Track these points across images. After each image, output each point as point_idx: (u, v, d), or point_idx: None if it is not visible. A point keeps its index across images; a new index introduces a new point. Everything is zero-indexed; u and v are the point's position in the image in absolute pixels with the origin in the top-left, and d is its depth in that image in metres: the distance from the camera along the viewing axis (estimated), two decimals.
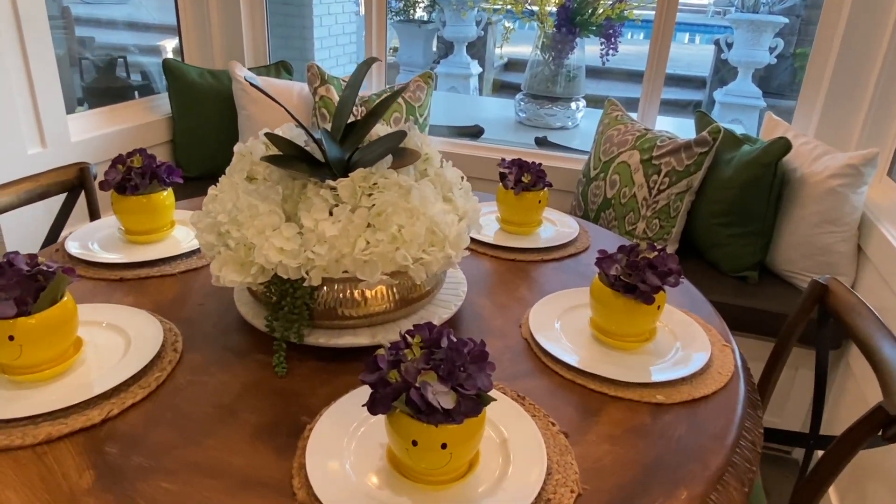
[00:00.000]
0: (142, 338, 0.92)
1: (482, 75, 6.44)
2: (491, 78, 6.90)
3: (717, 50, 6.03)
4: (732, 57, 5.45)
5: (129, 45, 2.62)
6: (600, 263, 0.96)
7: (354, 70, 0.99)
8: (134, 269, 1.15)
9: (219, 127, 2.15)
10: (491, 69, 6.83)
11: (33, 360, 0.81)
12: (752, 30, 5.33)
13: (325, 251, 0.85)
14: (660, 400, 0.87)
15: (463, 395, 0.64)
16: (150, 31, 3.10)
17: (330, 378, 0.89)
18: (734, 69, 5.54)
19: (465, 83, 6.14)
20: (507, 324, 1.05)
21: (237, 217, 0.87)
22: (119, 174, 1.19)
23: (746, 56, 5.37)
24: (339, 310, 0.94)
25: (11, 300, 0.78)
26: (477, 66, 6.22)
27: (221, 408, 0.82)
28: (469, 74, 6.10)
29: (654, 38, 1.96)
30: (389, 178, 0.90)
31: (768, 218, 1.65)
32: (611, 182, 1.80)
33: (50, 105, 1.70)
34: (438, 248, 0.91)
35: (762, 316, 1.61)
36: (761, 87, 5.52)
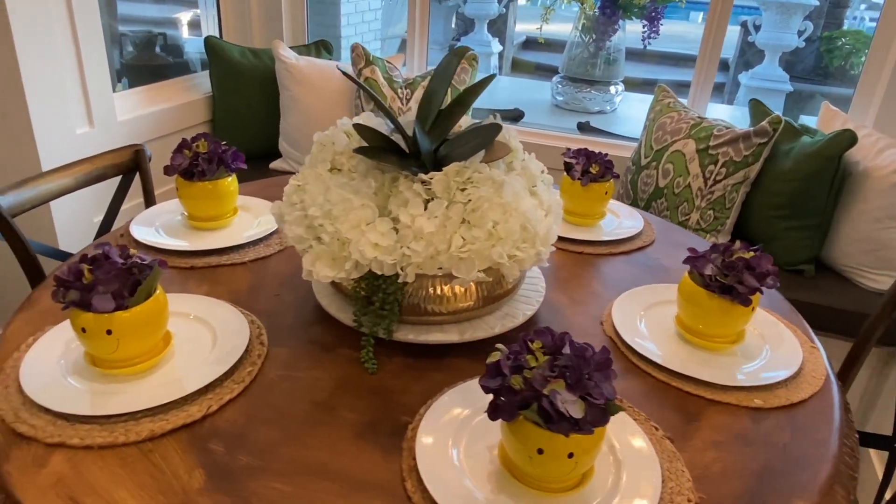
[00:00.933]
0: (227, 330, 0.90)
1: (502, 53, 6.34)
2: (510, 56, 6.79)
3: (744, 32, 5.92)
4: (760, 39, 5.34)
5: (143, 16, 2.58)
6: (693, 263, 0.94)
7: (444, 60, 0.96)
8: (204, 257, 1.13)
9: (260, 107, 2.12)
10: (511, 47, 6.73)
11: (128, 353, 0.80)
12: (781, 12, 5.22)
13: (421, 248, 0.83)
14: (758, 404, 0.85)
15: (591, 404, 0.62)
16: (166, 3, 3.04)
17: (420, 375, 0.87)
18: (760, 52, 5.43)
19: (486, 62, 6.04)
20: (587, 321, 1.03)
21: (331, 211, 0.85)
22: (186, 159, 1.17)
23: (775, 39, 5.27)
24: (423, 306, 0.92)
25: (109, 294, 0.76)
26: (497, 45, 6.12)
27: (318, 405, 0.80)
28: (490, 53, 6.01)
29: (710, 22, 1.92)
30: (483, 173, 0.88)
31: (827, 211, 1.62)
32: (664, 171, 1.77)
33: (98, 84, 1.67)
34: (530, 244, 0.89)
35: (819, 311, 1.59)
36: (787, 71, 5.42)
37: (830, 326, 1.57)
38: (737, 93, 5.73)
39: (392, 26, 6.39)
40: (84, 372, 0.81)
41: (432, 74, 0.96)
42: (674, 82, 5.84)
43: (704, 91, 1.99)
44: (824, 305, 1.59)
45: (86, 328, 0.76)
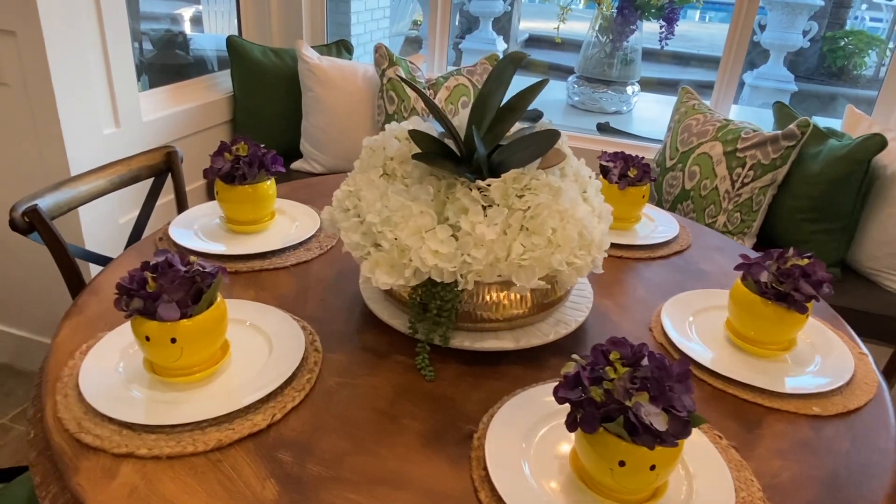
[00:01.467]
0: (282, 337, 0.90)
1: (506, 51, 6.31)
2: None
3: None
4: (765, 39, 5.35)
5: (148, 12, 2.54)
6: (748, 270, 0.94)
7: (499, 65, 0.95)
8: (247, 262, 1.13)
9: (281, 107, 2.11)
10: (515, 45, 6.72)
11: (190, 361, 0.79)
12: (787, 12, 5.23)
13: (482, 255, 0.83)
14: (816, 412, 0.85)
15: (674, 416, 0.62)
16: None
17: (478, 383, 0.87)
18: (764, 52, 5.44)
19: None
20: (635, 327, 1.03)
21: (390, 218, 0.84)
22: (227, 163, 1.16)
23: (779, 38, 5.28)
24: (476, 313, 0.92)
25: (174, 303, 0.76)
26: (502, 43, 6.11)
27: (380, 413, 0.80)
28: (495, 51, 5.98)
29: (735, 23, 1.92)
30: (541, 180, 0.87)
31: (855, 214, 1.62)
32: (690, 173, 1.77)
33: (124, 83, 1.66)
34: (587, 251, 0.88)
35: (847, 314, 1.59)
36: (791, 71, 5.43)
37: (858, 330, 1.57)
38: (741, 92, 5.73)
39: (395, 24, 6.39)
40: (144, 380, 0.81)
41: (486, 79, 0.96)
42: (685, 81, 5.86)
43: (728, 92, 2.00)
44: (851, 308, 1.59)
45: (150, 336, 0.76)
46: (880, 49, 6.27)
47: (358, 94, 2.02)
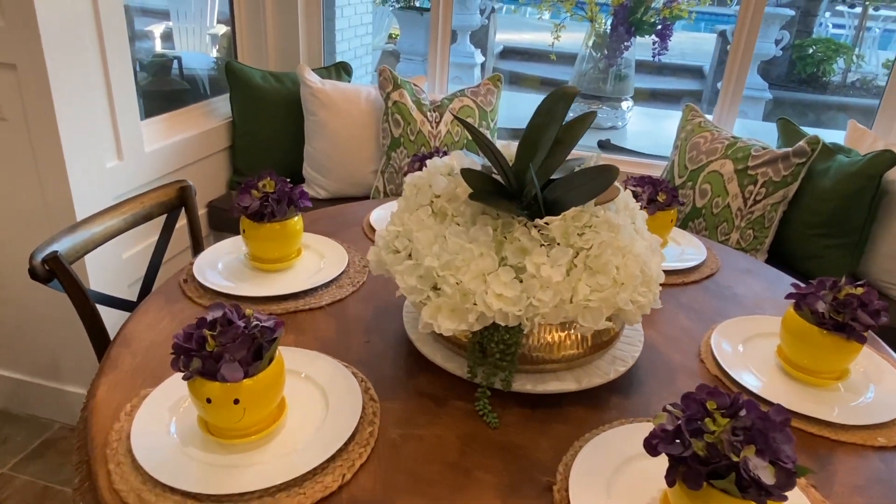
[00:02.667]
0: (335, 386, 0.86)
1: (484, 64, 6.36)
2: (491, 67, 6.82)
3: (723, 41, 6.05)
4: None
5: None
6: (802, 299, 0.93)
7: (549, 100, 0.93)
8: (281, 303, 1.08)
9: (282, 131, 2.06)
10: (491, 58, 6.76)
11: (251, 421, 0.75)
12: None
13: (548, 297, 0.80)
14: (881, 442, 0.85)
15: (781, 468, 0.61)
16: (139, 15, 2.95)
17: (543, 428, 0.85)
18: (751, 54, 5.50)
19: (469, 73, 6.05)
20: (686, 358, 1.02)
21: (452, 261, 0.82)
22: (256, 200, 1.12)
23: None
24: (533, 354, 0.90)
25: (237, 362, 0.72)
26: (480, 55, 6.13)
27: (451, 466, 0.77)
28: (473, 64, 6.02)
29: (737, 39, 1.94)
30: (601, 216, 0.86)
31: (865, 229, 1.65)
32: (701, 191, 1.78)
33: (127, 114, 1.60)
34: (647, 287, 0.87)
35: None
36: (763, 79, 5.55)
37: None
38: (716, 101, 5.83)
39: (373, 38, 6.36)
40: (200, 442, 0.76)
41: (535, 113, 0.94)
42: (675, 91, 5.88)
43: (732, 108, 2.02)
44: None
45: (212, 398, 0.72)
46: (847, 55, 6.46)
47: (362, 118, 1.99)
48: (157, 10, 2.79)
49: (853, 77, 6.76)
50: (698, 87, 6.82)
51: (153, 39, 2.97)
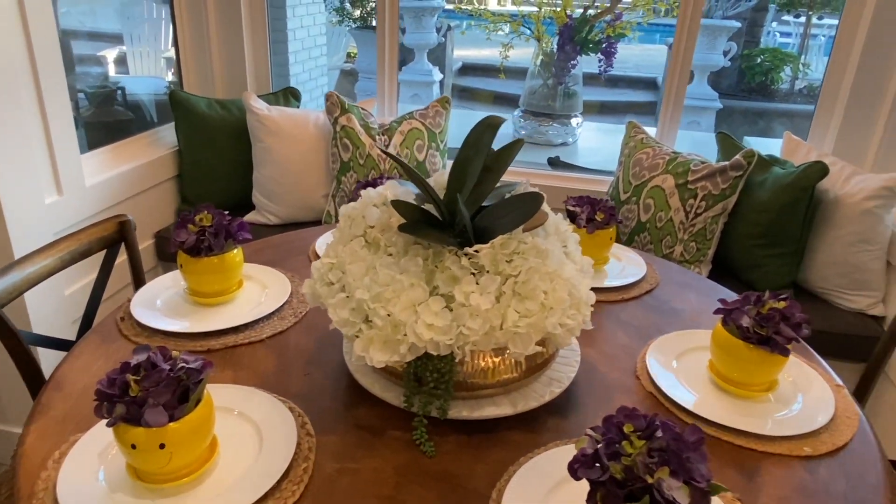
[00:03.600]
0: (271, 423, 0.86)
1: (442, 81, 6.42)
2: (450, 84, 6.89)
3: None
4: None
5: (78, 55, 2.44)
6: (728, 314, 0.96)
7: (476, 131, 0.95)
8: (219, 338, 1.07)
9: (229, 159, 2.05)
10: (450, 75, 6.82)
11: (179, 464, 0.74)
12: (706, 34, 5.53)
13: (478, 325, 0.82)
14: (807, 452, 0.88)
15: (695, 488, 0.62)
16: (81, 40, 2.90)
17: (480, 454, 0.85)
18: (689, 72, 5.69)
19: (427, 90, 6.10)
20: (623, 376, 1.04)
21: (382, 293, 0.82)
22: (192, 235, 1.11)
23: (702, 59, 5.57)
24: (468, 380, 0.91)
25: (161, 406, 0.71)
26: (438, 73, 6.19)
27: (387, 499, 0.77)
28: (432, 81, 6.07)
29: (675, 56, 2.00)
30: (528, 243, 0.87)
31: (803, 238, 1.70)
32: (644, 206, 1.82)
33: (65, 148, 1.57)
34: (577, 310, 0.89)
35: None
36: (714, 89, 5.72)
37: (813, 348, 1.64)
38: None
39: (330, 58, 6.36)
40: (129, 488, 0.75)
41: (464, 144, 0.96)
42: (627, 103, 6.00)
43: (673, 122, 2.07)
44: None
45: (136, 444, 0.71)
46: (793, 64, 6.69)
47: (310, 143, 1.99)
48: (109, 35, 2.75)
49: (800, 84, 7.01)
50: (652, 98, 6.99)
51: (105, 65, 2.93)
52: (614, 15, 2.47)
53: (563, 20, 2.44)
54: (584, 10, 2.53)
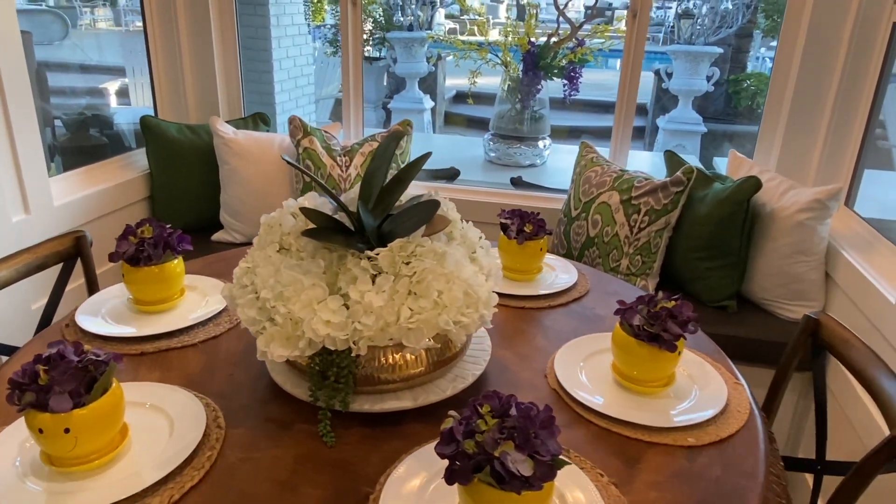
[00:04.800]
0: (183, 417, 0.92)
1: (434, 109, 6.56)
2: (443, 111, 7.05)
3: (658, 79, 6.35)
4: (673, 86, 5.75)
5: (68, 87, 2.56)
6: (622, 314, 1.02)
7: (384, 142, 1.03)
8: (154, 342, 1.14)
9: (199, 181, 2.14)
10: (442, 102, 6.99)
11: (86, 450, 0.80)
12: (689, 60, 5.64)
13: (372, 321, 0.88)
14: (691, 442, 0.92)
15: (539, 462, 0.68)
16: (90, 73, 3.04)
17: (378, 444, 0.91)
18: (674, 97, 5.85)
19: (418, 118, 6.24)
20: (533, 375, 1.09)
21: (282, 292, 0.89)
22: (132, 246, 1.19)
23: (686, 85, 5.68)
24: (376, 375, 0.97)
25: (66, 394, 0.78)
26: (429, 101, 6.34)
27: (280, 484, 0.83)
28: (423, 109, 6.21)
29: (623, 77, 2.08)
30: (426, 246, 0.94)
31: (742, 250, 1.76)
32: (593, 222, 1.88)
33: (33, 170, 1.66)
34: (474, 309, 0.95)
35: (744, 343, 1.71)
36: (699, 113, 5.83)
37: (755, 357, 1.69)
38: (655, 136, 6.10)
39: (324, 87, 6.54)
40: (41, 472, 0.81)
41: (373, 155, 1.03)
42: (599, 128, 6.09)
43: (624, 141, 2.15)
44: (748, 338, 1.71)
45: (43, 429, 0.77)
46: None
47: (275, 164, 2.08)
48: (113, 68, 2.88)
49: None
50: (642, 123, 7.10)
51: (107, 96, 3.05)
52: (576, 41, 2.56)
53: (525, 47, 2.54)
54: (547, 37, 2.62)
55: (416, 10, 6.26)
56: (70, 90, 2.57)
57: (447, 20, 9.46)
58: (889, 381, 0.99)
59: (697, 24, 5.87)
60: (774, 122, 1.98)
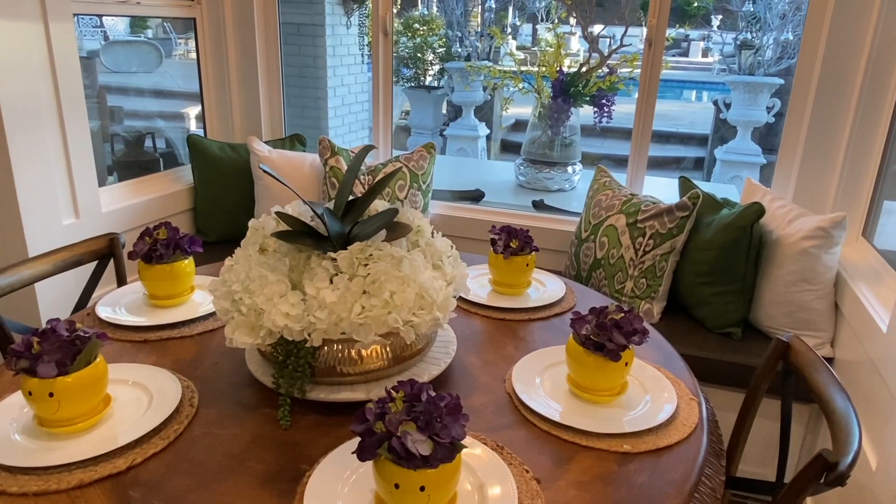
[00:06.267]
0: (162, 394, 1.03)
1: (490, 136, 6.69)
2: (499, 139, 7.17)
3: (717, 110, 6.23)
4: (731, 116, 5.64)
5: (156, 111, 2.83)
6: (573, 324, 1.06)
7: (354, 157, 1.13)
8: (157, 332, 1.27)
9: (237, 196, 2.31)
10: (498, 130, 7.11)
11: (69, 414, 0.92)
12: (748, 91, 5.53)
13: (325, 315, 0.96)
14: (626, 449, 0.95)
15: (438, 444, 0.74)
16: (175, 98, 3.33)
17: (329, 430, 0.99)
18: (733, 128, 5.73)
19: (473, 144, 6.37)
20: (492, 380, 1.14)
21: (249, 286, 0.99)
22: (146, 245, 1.33)
23: (744, 115, 5.55)
24: (338, 367, 1.05)
25: (53, 362, 0.90)
26: (485, 128, 6.46)
27: (232, 457, 0.92)
28: (477, 136, 6.34)
29: (640, 104, 2.11)
30: (383, 250, 1.02)
31: (748, 277, 1.74)
32: (600, 244, 1.91)
33: (84, 180, 1.87)
34: (427, 311, 1.02)
35: (746, 371, 1.68)
36: (761, 145, 5.67)
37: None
38: (713, 167, 5.97)
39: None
40: (31, 431, 0.93)
41: (348, 168, 1.13)
42: (665, 158, 6.00)
43: (639, 169, 2.17)
44: (749, 365, 1.68)
45: (32, 392, 0.89)
46: None
47: (305, 182, 2.23)
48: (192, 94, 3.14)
49: None
50: (702, 153, 6.97)
51: (187, 120, 3.34)
52: (606, 69, 2.61)
53: (553, 75, 2.61)
54: (579, 66, 2.68)
55: (475, 41, 6.44)
56: (143, 113, 2.84)
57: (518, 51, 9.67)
58: (842, 403, 0.99)
59: (758, 55, 5.75)
60: (792, 151, 1.96)
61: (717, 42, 8.24)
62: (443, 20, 6.82)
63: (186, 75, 2.76)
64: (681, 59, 11.57)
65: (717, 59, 9.33)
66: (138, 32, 3.16)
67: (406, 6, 7.32)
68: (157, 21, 3.25)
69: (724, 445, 1.10)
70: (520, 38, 9.15)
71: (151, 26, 3.32)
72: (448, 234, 2.30)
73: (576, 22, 2.66)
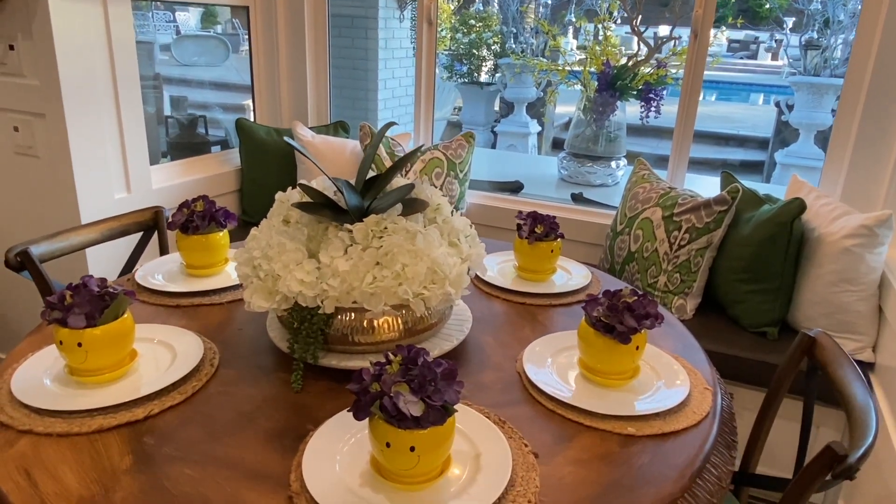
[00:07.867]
0: (186, 354, 1.08)
1: (541, 133, 6.64)
2: (550, 136, 7.12)
3: (779, 111, 6.00)
4: (793, 118, 5.42)
5: (216, 103, 2.95)
6: (586, 306, 1.06)
7: (379, 133, 1.15)
8: (189, 298, 1.33)
9: (281, 178, 2.39)
10: (550, 128, 7.06)
11: (96, 364, 0.98)
12: (812, 92, 5.30)
13: (337, 283, 0.99)
14: (630, 432, 0.94)
15: (430, 406, 0.75)
16: (236, 91, 3.46)
17: (338, 395, 1.01)
18: (795, 131, 5.50)
19: (523, 141, 6.34)
20: (505, 359, 1.15)
21: (268, 252, 1.03)
22: (183, 216, 1.39)
23: (807, 118, 5.33)
24: (351, 336, 1.07)
25: (83, 315, 0.96)
26: (536, 125, 6.43)
27: (243, 415, 0.96)
28: (528, 133, 6.31)
29: (683, 99, 2.06)
30: (398, 224, 1.04)
31: (787, 276, 1.68)
32: (634, 237, 1.88)
33: (137, 157, 1.97)
34: (439, 285, 1.03)
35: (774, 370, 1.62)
36: (823, 148, 5.41)
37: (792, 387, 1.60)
38: (773, 171, 5.75)
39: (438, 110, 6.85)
40: (62, 379, 1.00)
41: (369, 146, 1.15)
42: (737, 161, 5.82)
43: (680, 167, 2.12)
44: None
45: (62, 341, 0.95)
46: None
47: (345, 167, 2.28)
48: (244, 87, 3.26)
49: None
50: (762, 157, 6.72)
51: (247, 111, 3.48)
52: (654, 63, 2.56)
53: (599, 68, 2.57)
54: (627, 58, 2.64)
55: (529, 37, 6.41)
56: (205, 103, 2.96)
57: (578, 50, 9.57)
58: (863, 397, 0.95)
59: (825, 55, 5.50)
60: (842, 149, 1.88)
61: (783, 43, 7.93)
62: (499, 17, 6.80)
63: (246, 69, 2.86)
64: (749, 62, 11.19)
65: (787, 63, 8.97)
66: (208, 27, 3.28)
67: (466, 3, 7.36)
68: (227, 17, 3.37)
69: (737, 438, 1.07)
70: (580, 37, 9.06)
71: (221, 21, 3.45)
72: (482, 223, 2.33)
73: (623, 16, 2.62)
